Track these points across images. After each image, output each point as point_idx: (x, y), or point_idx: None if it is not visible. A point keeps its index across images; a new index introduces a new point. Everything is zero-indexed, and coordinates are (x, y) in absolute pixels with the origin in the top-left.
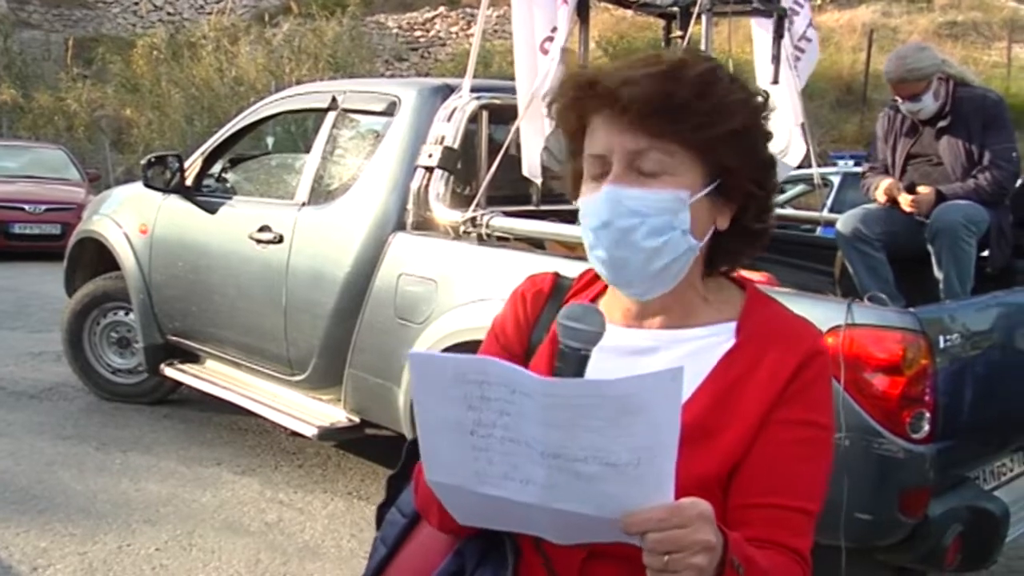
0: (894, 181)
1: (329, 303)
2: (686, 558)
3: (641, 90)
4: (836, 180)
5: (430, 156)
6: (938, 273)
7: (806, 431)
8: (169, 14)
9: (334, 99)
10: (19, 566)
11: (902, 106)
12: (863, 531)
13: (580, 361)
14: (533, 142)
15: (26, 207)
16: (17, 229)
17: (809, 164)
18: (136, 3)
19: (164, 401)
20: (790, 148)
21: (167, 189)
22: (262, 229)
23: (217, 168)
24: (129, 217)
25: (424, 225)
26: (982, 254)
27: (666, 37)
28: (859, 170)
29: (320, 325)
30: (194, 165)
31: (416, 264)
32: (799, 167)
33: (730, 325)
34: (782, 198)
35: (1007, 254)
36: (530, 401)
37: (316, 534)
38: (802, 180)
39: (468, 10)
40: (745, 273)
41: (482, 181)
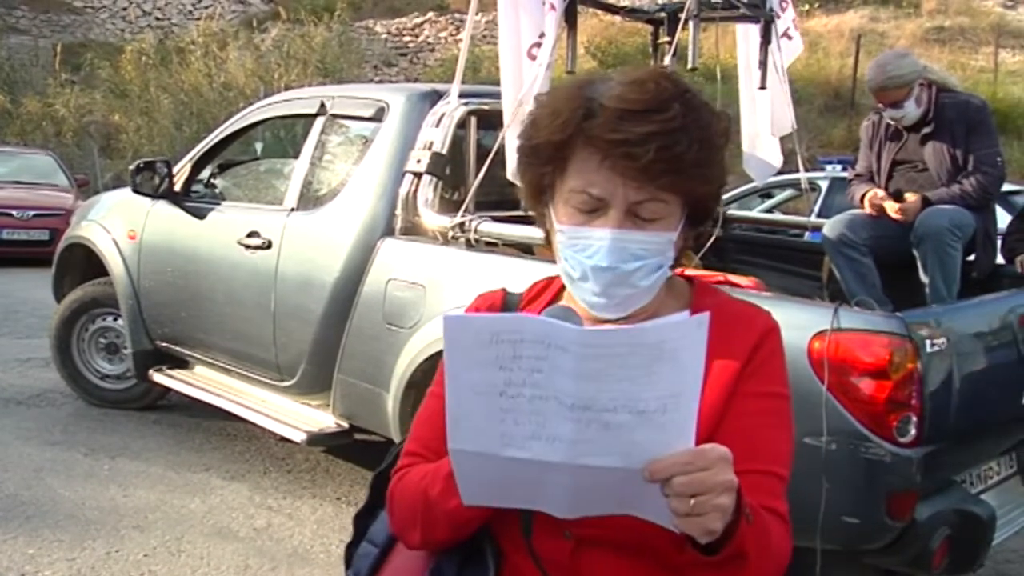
0: (877, 192)
1: (318, 308)
2: (711, 499)
3: (657, 149)
4: (824, 185)
5: (418, 162)
6: (924, 277)
7: (770, 402)
8: (158, 19)
9: (323, 104)
10: (7, 572)
11: (885, 113)
12: (850, 535)
13: None
14: None
15: (14, 213)
16: (5, 235)
17: (797, 169)
18: (125, 8)
19: (153, 407)
20: (769, 152)
21: (156, 195)
22: (251, 234)
23: (206, 174)
24: (118, 223)
25: (412, 230)
26: (968, 258)
27: (654, 43)
28: (847, 175)
29: (309, 330)
30: (183, 171)
31: (405, 269)
32: (781, 172)
33: (684, 314)
34: (770, 203)
35: (993, 258)
36: (564, 355)
37: (305, 539)
38: (790, 185)
39: (457, 15)
40: (733, 278)
41: (470, 186)
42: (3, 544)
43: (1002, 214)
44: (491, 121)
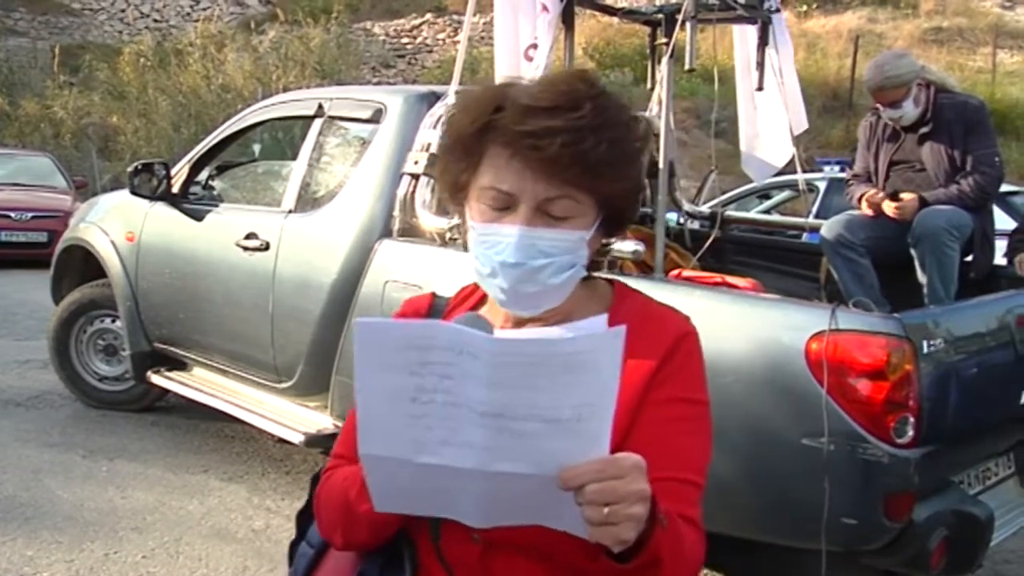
0: (875, 192)
1: (316, 310)
2: (625, 508)
3: (563, 144)
4: (822, 186)
5: (416, 163)
6: (922, 278)
7: (686, 408)
8: (156, 21)
9: (321, 106)
10: (6, 574)
11: (883, 113)
12: (848, 535)
13: None
14: None
15: (12, 215)
16: (3, 237)
17: (795, 170)
18: (123, 10)
19: (151, 409)
20: (778, 151)
21: (154, 196)
22: (249, 236)
23: (204, 175)
24: (116, 225)
25: (410, 232)
26: (966, 259)
27: (651, 44)
28: (845, 176)
29: (307, 332)
30: (181, 172)
31: (402, 271)
32: (782, 173)
33: (603, 317)
34: (768, 204)
35: (991, 259)
36: (476, 362)
37: None
38: (788, 186)
39: (455, 17)
40: (730, 279)
41: None
42: (2, 546)
43: (1000, 215)
44: None
